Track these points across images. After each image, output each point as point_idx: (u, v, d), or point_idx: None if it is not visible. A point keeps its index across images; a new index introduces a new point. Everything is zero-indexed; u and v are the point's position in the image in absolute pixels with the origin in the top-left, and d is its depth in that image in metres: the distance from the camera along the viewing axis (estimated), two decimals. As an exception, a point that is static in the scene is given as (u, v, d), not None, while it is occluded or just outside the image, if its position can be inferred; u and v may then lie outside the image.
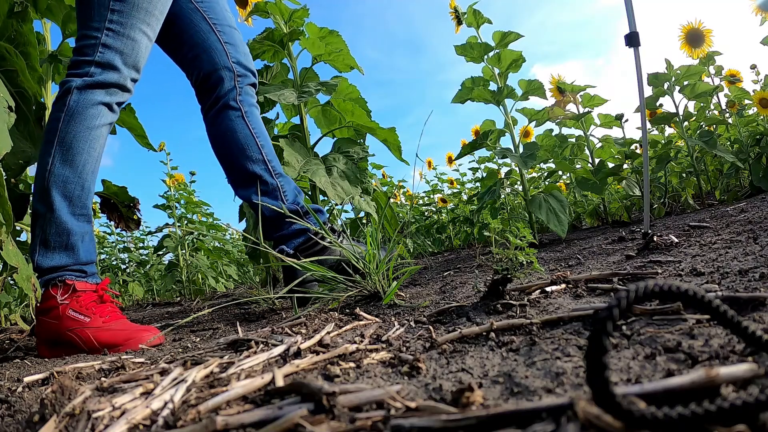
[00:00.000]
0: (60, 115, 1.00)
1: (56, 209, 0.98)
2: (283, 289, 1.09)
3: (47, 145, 0.99)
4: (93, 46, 1.02)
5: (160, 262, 3.79)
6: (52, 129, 1.00)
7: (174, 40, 1.25)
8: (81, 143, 1.00)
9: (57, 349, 0.94)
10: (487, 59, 1.95)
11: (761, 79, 2.61)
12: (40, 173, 0.99)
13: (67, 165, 0.99)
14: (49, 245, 0.98)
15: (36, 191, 0.99)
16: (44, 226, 0.98)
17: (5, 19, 1.06)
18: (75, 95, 1.01)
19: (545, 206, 1.74)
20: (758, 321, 0.43)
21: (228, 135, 1.24)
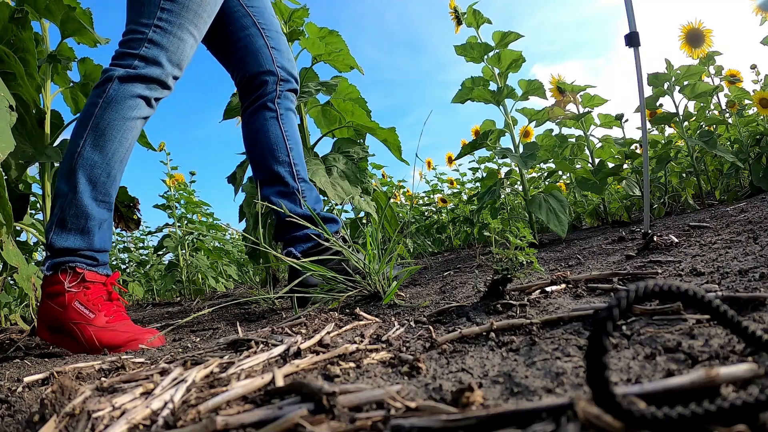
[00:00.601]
0: (98, 101, 1.02)
1: (79, 191, 0.98)
2: (283, 289, 1.09)
3: (80, 128, 1.01)
4: (140, 40, 1.05)
5: (160, 262, 3.79)
6: (88, 114, 1.01)
7: (222, 40, 1.29)
8: (114, 131, 1.02)
9: (57, 336, 0.94)
10: (487, 59, 1.95)
11: (761, 79, 2.61)
12: (69, 154, 1.00)
13: (97, 150, 1.00)
14: (65, 226, 0.97)
15: (62, 170, 1.00)
16: (64, 206, 0.98)
17: (5, 23, 1.06)
18: (116, 84, 1.03)
19: (545, 206, 1.74)
20: (758, 321, 0.43)
21: (260, 134, 1.28)
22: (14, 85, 1.10)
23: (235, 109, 1.82)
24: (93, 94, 1.03)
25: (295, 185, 1.27)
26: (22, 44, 1.10)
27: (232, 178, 1.85)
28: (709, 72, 2.27)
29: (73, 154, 0.99)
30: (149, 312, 2.06)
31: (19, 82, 1.08)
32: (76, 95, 1.40)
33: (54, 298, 0.94)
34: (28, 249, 1.78)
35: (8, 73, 1.09)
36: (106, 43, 1.31)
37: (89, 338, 0.92)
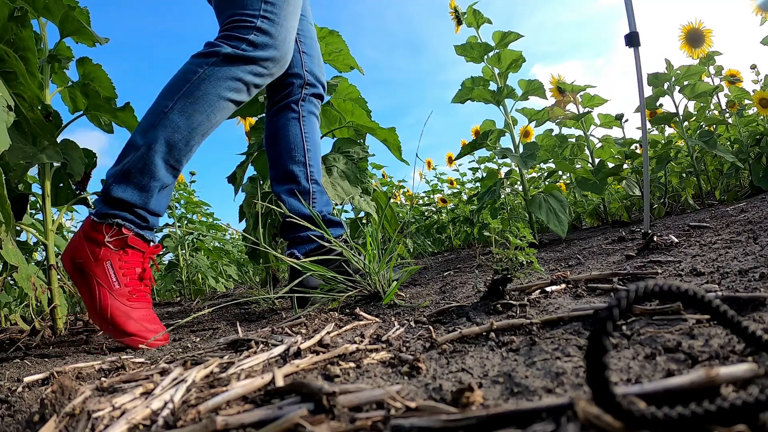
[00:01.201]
0: (198, 71, 1.02)
1: (154, 149, 0.97)
2: (284, 289, 1.09)
3: (172, 90, 1.01)
4: (249, 27, 1.07)
5: (160, 262, 3.79)
6: (184, 79, 1.02)
7: None
8: (206, 105, 1.02)
9: (76, 274, 0.93)
10: (487, 59, 1.95)
11: (761, 79, 2.61)
12: (154, 111, 1.00)
13: (184, 116, 1.00)
14: (128, 178, 0.96)
15: (142, 125, 1.00)
16: (133, 159, 0.97)
17: (5, 22, 1.06)
18: (220, 60, 1.04)
19: (545, 206, 1.74)
20: (758, 321, 0.43)
21: (280, 132, 1.29)
22: (15, 84, 1.09)
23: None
24: (193, 62, 1.03)
25: (307, 186, 1.27)
26: (23, 43, 1.10)
27: (232, 178, 1.85)
28: (709, 72, 2.27)
29: (158, 113, 0.99)
30: (149, 312, 2.06)
31: (21, 80, 1.08)
32: (74, 95, 1.40)
33: (90, 243, 0.92)
34: (28, 249, 1.78)
35: (9, 72, 1.09)
36: (105, 42, 1.30)
37: (104, 307, 0.89)
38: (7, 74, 1.07)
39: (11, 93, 1.05)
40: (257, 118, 1.91)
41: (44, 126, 1.12)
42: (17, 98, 1.07)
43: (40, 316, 1.40)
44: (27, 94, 1.09)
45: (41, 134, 1.14)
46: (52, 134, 1.15)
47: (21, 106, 1.08)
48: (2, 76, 1.03)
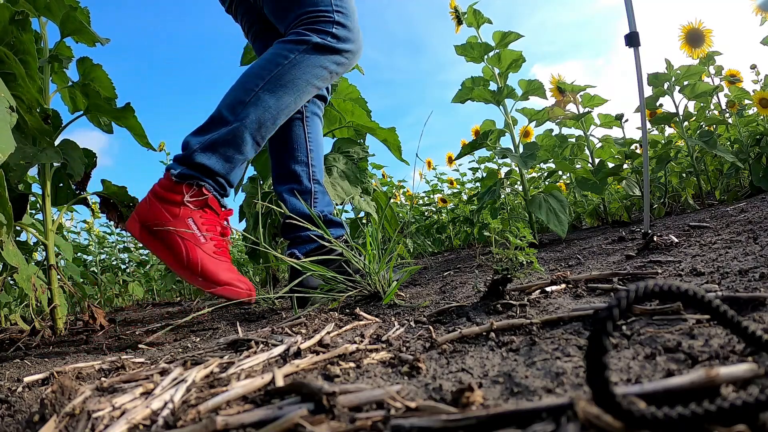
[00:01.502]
0: (289, 56, 1.07)
1: (244, 124, 1.02)
2: (283, 289, 1.09)
3: (263, 71, 1.06)
4: (329, 22, 1.12)
5: (160, 262, 3.79)
6: (274, 62, 1.07)
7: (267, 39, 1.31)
8: (294, 88, 1.08)
9: (149, 237, 0.95)
10: (487, 59, 1.95)
11: (761, 79, 2.61)
12: (243, 88, 1.05)
13: (273, 97, 1.06)
14: (215, 148, 1.01)
15: (229, 101, 1.05)
16: (222, 132, 1.02)
17: (6, 25, 1.06)
18: (310, 49, 1.09)
19: (545, 206, 1.74)
20: (758, 321, 0.43)
21: (284, 133, 1.29)
22: (15, 86, 1.09)
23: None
24: (283, 47, 1.08)
25: (309, 186, 1.28)
26: (23, 46, 1.10)
27: (232, 178, 1.85)
28: (709, 72, 2.27)
29: (248, 91, 1.04)
30: (149, 312, 2.06)
31: (20, 83, 1.08)
32: (74, 95, 1.40)
33: (166, 204, 0.95)
34: (28, 249, 1.78)
35: (8, 74, 1.09)
36: (106, 43, 1.30)
37: (194, 260, 0.93)
38: (6, 75, 1.07)
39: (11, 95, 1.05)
40: (257, 118, 1.90)
41: (42, 129, 1.12)
42: (16, 100, 1.07)
43: (40, 316, 1.40)
44: (26, 96, 1.09)
45: (40, 137, 1.14)
46: (50, 137, 1.15)
47: (20, 108, 1.08)
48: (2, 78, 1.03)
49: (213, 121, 1.04)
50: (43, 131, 1.13)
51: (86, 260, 3.55)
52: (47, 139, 1.16)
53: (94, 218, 3.70)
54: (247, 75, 1.08)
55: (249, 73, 1.08)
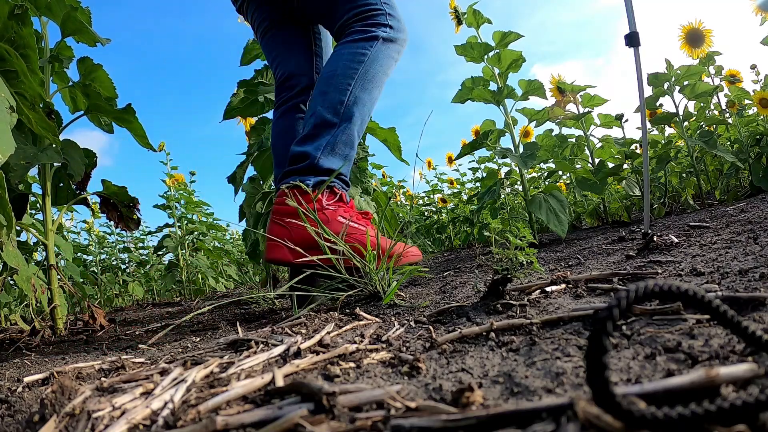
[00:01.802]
0: (366, 53, 1.15)
1: (352, 123, 1.12)
2: (283, 287, 1.09)
3: (348, 70, 1.13)
4: (381, 14, 1.19)
5: (160, 262, 3.79)
6: (357, 60, 1.14)
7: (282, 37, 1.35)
8: (377, 81, 1.17)
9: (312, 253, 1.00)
10: (487, 59, 1.95)
11: (761, 79, 2.61)
12: (338, 89, 1.12)
13: (366, 93, 1.15)
14: (334, 151, 1.10)
15: (325, 104, 1.12)
16: (336, 134, 1.10)
17: (5, 20, 1.06)
18: (381, 43, 1.17)
19: (545, 206, 1.74)
20: (758, 321, 0.43)
21: (287, 132, 1.31)
22: (16, 82, 1.09)
23: (235, 109, 1.82)
24: (356, 46, 1.15)
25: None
26: (23, 40, 1.10)
27: (232, 178, 1.85)
28: (709, 72, 2.27)
29: (344, 91, 1.12)
30: (149, 312, 2.06)
31: (22, 79, 1.08)
32: (75, 95, 1.40)
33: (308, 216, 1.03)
34: (28, 249, 1.78)
35: (10, 71, 1.09)
36: (106, 43, 1.30)
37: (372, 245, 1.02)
38: (8, 73, 1.07)
39: (13, 92, 1.05)
40: (257, 118, 1.91)
41: (47, 124, 1.12)
42: (19, 97, 1.07)
43: (40, 316, 1.40)
44: (28, 92, 1.09)
45: (44, 133, 1.14)
46: (54, 132, 1.15)
47: (23, 104, 1.08)
48: (3, 75, 1.02)
49: (319, 126, 1.11)
50: (48, 127, 1.13)
51: (86, 260, 3.55)
52: (51, 134, 1.15)
53: (94, 218, 3.71)
54: (334, 76, 1.14)
55: (335, 74, 1.14)
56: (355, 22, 1.19)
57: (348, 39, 1.18)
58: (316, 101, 1.13)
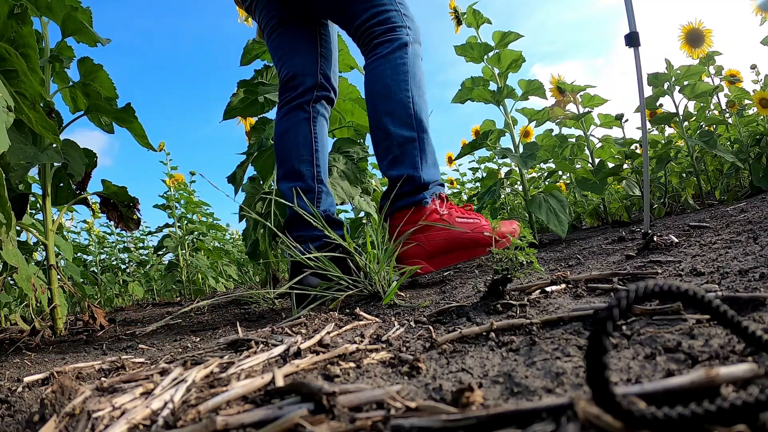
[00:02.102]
0: (405, 59, 1.19)
1: (427, 131, 1.19)
2: (283, 287, 1.09)
3: (402, 84, 1.18)
4: (398, 15, 1.23)
5: (160, 262, 3.79)
6: (402, 70, 1.19)
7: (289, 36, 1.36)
8: (422, 84, 1.22)
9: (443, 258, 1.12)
10: (487, 59, 1.95)
11: (761, 79, 2.61)
12: (401, 103, 1.17)
13: (421, 98, 1.20)
14: (427, 162, 1.18)
15: (402, 120, 1.17)
16: (422, 147, 1.17)
17: (5, 20, 1.06)
18: (411, 46, 1.21)
19: (545, 206, 1.74)
20: (758, 321, 0.43)
21: (290, 131, 1.32)
22: (16, 82, 1.09)
23: (235, 110, 1.82)
24: (395, 57, 1.19)
25: (312, 185, 1.29)
26: (23, 39, 1.09)
27: (232, 178, 1.85)
28: (709, 72, 2.27)
29: (409, 103, 1.17)
30: (149, 312, 2.06)
31: (22, 78, 1.08)
32: (75, 95, 1.40)
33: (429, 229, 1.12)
34: (28, 249, 1.78)
35: (10, 70, 1.09)
36: (107, 43, 1.30)
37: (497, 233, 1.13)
38: (8, 72, 1.07)
39: (13, 92, 1.05)
40: (257, 118, 1.91)
41: (47, 123, 1.12)
42: (19, 96, 1.07)
43: (40, 316, 1.40)
44: (29, 91, 1.09)
45: (44, 132, 1.14)
46: (54, 131, 1.15)
47: (23, 104, 1.08)
48: (3, 75, 1.02)
49: (402, 144, 1.17)
50: (48, 126, 1.13)
51: (86, 260, 3.55)
52: (52, 134, 1.15)
53: (94, 218, 3.71)
54: (392, 93, 1.19)
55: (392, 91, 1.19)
56: (375, 26, 1.21)
57: (380, 53, 1.21)
58: (385, 122, 1.18)
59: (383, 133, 1.18)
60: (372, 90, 1.21)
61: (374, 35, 1.21)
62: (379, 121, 1.19)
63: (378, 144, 1.21)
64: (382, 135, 1.18)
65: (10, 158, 1.10)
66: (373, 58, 1.21)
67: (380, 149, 1.20)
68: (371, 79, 1.21)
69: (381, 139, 1.19)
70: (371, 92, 1.21)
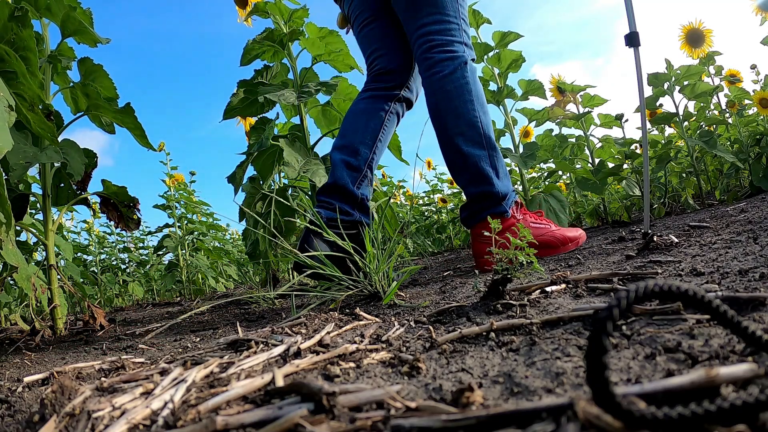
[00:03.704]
0: (466, 77, 1.27)
1: (496, 147, 1.27)
2: (284, 287, 1.09)
3: (467, 103, 1.26)
4: (458, 29, 1.30)
5: (160, 262, 3.79)
6: (466, 89, 1.26)
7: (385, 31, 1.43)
8: (484, 100, 1.30)
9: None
10: (487, 59, 1.95)
11: (761, 79, 2.61)
12: (469, 122, 1.25)
13: (486, 114, 1.28)
14: (499, 174, 1.27)
15: (473, 139, 1.26)
16: (493, 163, 1.27)
17: (5, 22, 1.06)
18: (470, 64, 1.29)
19: (545, 206, 1.74)
20: (758, 321, 0.43)
21: (366, 114, 1.40)
22: (15, 83, 1.09)
23: (235, 109, 1.82)
24: (457, 75, 1.26)
25: (362, 167, 1.35)
26: (23, 42, 1.10)
27: (232, 178, 1.85)
28: (709, 72, 2.27)
29: (475, 124, 1.26)
30: (149, 312, 2.06)
31: (21, 80, 1.08)
32: (76, 95, 1.40)
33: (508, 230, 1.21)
34: (28, 249, 1.78)
35: (9, 72, 1.09)
36: (106, 43, 1.30)
37: (562, 237, 1.27)
38: (7, 74, 1.07)
39: (12, 93, 1.05)
40: (257, 118, 1.91)
41: (45, 125, 1.12)
42: (18, 98, 1.07)
43: (40, 316, 1.40)
44: (28, 93, 1.09)
45: (42, 134, 1.14)
46: (53, 133, 1.15)
47: (22, 105, 1.08)
48: (2, 76, 1.02)
49: (476, 163, 1.25)
50: (46, 128, 1.13)
51: (86, 260, 3.55)
52: (50, 135, 1.15)
53: (94, 218, 3.71)
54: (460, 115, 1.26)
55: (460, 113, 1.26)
56: (435, 34, 1.28)
57: (441, 72, 1.27)
58: (458, 142, 1.26)
59: (457, 153, 1.27)
60: (438, 108, 1.28)
61: (432, 44, 1.28)
62: (450, 141, 1.27)
63: (452, 162, 1.29)
64: (456, 155, 1.27)
65: (10, 158, 1.10)
66: (437, 77, 1.28)
67: (455, 167, 1.29)
68: (437, 97, 1.28)
69: (455, 159, 1.28)
70: (438, 110, 1.28)
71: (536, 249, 1.11)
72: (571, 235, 1.29)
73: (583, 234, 1.32)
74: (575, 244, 1.29)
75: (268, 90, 1.58)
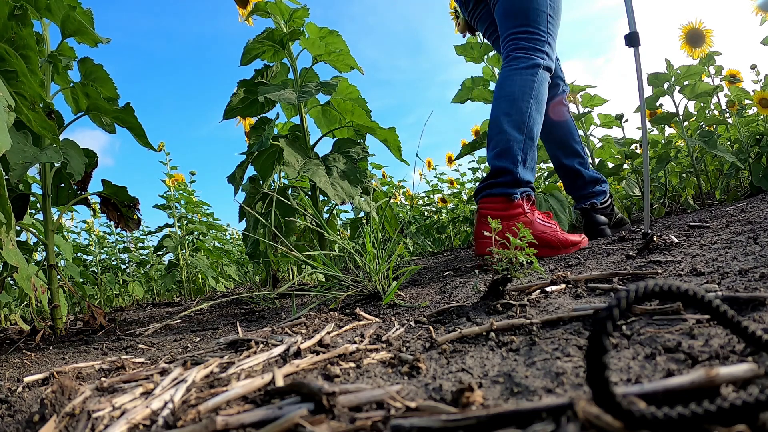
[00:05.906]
0: (534, 79, 1.35)
1: (533, 140, 1.33)
2: (284, 287, 1.09)
3: (525, 95, 1.34)
4: (542, 42, 1.39)
5: (160, 262, 3.79)
6: (528, 86, 1.34)
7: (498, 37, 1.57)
8: (543, 104, 1.37)
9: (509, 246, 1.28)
10: (487, 59, 1.95)
11: (761, 79, 2.60)
12: (520, 110, 1.33)
13: (538, 114, 1.35)
14: (526, 164, 1.32)
15: (516, 123, 1.33)
16: (525, 150, 1.32)
17: (5, 21, 1.06)
18: (542, 71, 1.37)
19: (545, 206, 1.74)
20: (758, 321, 0.43)
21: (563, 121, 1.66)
22: (16, 83, 1.09)
23: (235, 109, 1.82)
24: (526, 73, 1.35)
25: (587, 158, 1.68)
26: (23, 41, 1.09)
27: (232, 178, 1.85)
28: (709, 72, 2.27)
29: (525, 113, 1.33)
30: (149, 312, 2.06)
31: (22, 79, 1.08)
32: (76, 95, 1.40)
33: (513, 220, 1.27)
34: (28, 249, 1.78)
35: (9, 71, 1.09)
36: (106, 42, 1.30)
37: (564, 240, 1.30)
38: (7, 73, 1.07)
39: (12, 92, 1.05)
40: (257, 118, 1.90)
41: (46, 124, 1.12)
42: (18, 97, 1.07)
43: (40, 316, 1.40)
44: (28, 92, 1.09)
45: (43, 132, 1.14)
46: (54, 132, 1.15)
47: (22, 104, 1.08)
48: (3, 75, 1.02)
49: (508, 142, 1.31)
50: (48, 127, 1.13)
51: (86, 260, 3.55)
52: (51, 134, 1.15)
53: (94, 218, 3.71)
54: (515, 100, 1.34)
55: (516, 99, 1.34)
56: (521, 40, 1.39)
57: (515, 66, 1.37)
58: (502, 121, 1.33)
59: (498, 128, 1.34)
60: (501, 91, 1.38)
61: (517, 47, 1.39)
62: (497, 117, 1.35)
63: (491, 136, 1.37)
64: (497, 130, 1.35)
65: (10, 158, 1.10)
66: (510, 69, 1.39)
67: (492, 141, 1.36)
68: (503, 83, 1.39)
69: (495, 133, 1.35)
70: (499, 94, 1.38)
71: (536, 249, 1.12)
72: (573, 239, 1.32)
73: (585, 240, 1.35)
74: (576, 248, 1.31)
75: (269, 90, 1.58)
